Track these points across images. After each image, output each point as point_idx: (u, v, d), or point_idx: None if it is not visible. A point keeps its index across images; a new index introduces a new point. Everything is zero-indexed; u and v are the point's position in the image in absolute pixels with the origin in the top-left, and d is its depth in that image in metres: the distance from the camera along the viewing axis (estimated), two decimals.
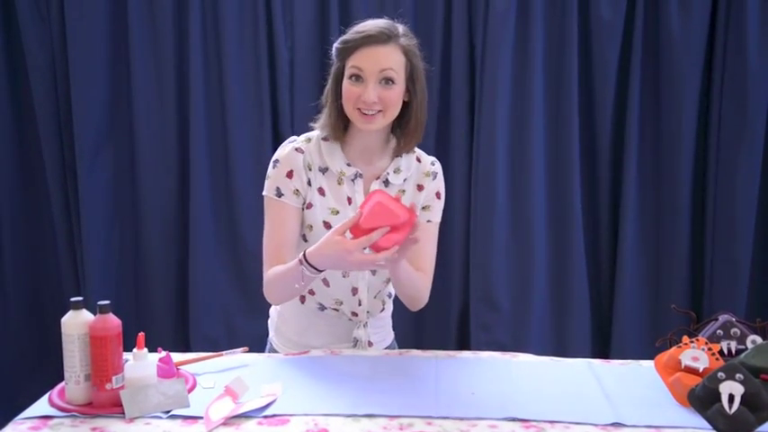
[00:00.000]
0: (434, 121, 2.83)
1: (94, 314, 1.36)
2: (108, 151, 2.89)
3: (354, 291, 1.71)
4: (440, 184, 1.76)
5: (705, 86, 2.78)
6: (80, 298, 1.38)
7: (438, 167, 1.77)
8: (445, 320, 2.91)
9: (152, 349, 1.47)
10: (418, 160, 1.75)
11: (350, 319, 1.74)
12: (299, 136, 1.71)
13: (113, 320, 1.35)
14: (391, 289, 1.81)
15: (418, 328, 2.92)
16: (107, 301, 1.35)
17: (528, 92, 2.76)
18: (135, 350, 1.37)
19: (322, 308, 1.74)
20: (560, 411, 1.35)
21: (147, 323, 2.87)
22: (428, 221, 1.74)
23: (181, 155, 2.88)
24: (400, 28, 1.63)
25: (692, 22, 2.70)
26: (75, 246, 2.92)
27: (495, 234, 2.80)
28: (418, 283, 1.68)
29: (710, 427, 1.24)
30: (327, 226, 1.65)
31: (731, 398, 1.22)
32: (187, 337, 2.90)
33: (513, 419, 1.31)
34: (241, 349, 1.64)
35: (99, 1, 2.78)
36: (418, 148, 1.76)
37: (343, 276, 1.70)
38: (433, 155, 2.82)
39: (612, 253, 2.88)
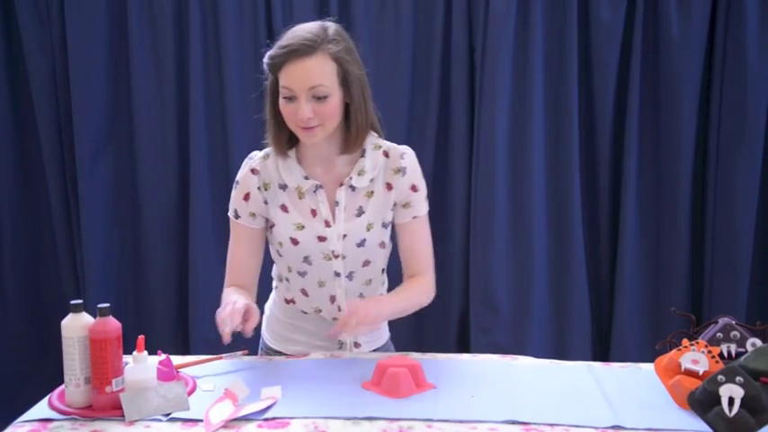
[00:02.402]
0: (434, 121, 2.84)
1: (94, 317, 1.36)
2: (108, 153, 2.89)
3: (332, 299, 1.71)
4: (413, 177, 1.68)
5: (705, 87, 2.78)
6: (80, 301, 1.38)
7: (408, 160, 1.68)
8: (445, 323, 2.91)
9: (152, 352, 1.47)
10: (386, 155, 1.68)
11: (333, 322, 1.74)
12: (261, 150, 1.70)
13: (113, 323, 1.36)
14: (378, 290, 1.80)
15: (418, 331, 2.91)
16: (107, 304, 1.36)
17: (528, 94, 2.76)
18: (135, 353, 1.37)
19: (305, 312, 1.75)
20: (560, 414, 1.35)
21: (147, 326, 2.87)
22: (414, 218, 1.70)
23: (181, 156, 2.88)
24: (330, 30, 1.57)
25: (691, 24, 2.70)
26: (75, 248, 2.92)
27: (495, 234, 2.80)
28: (415, 300, 1.73)
29: (711, 430, 1.24)
30: (294, 242, 1.65)
31: (731, 401, 1.22)
32: (187, 339, 2.90)
33: (513, 422, 1.31)
34: (241, 352, 1.65)
35: (99, 3, 2.78)
36: (388, 140, 1.72)
37: (320, 286, 1.70)
38: (433, 155, 2.85)
39: (612, 255, 2.88)
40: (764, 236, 2.82)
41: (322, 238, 1.65)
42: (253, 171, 1.66)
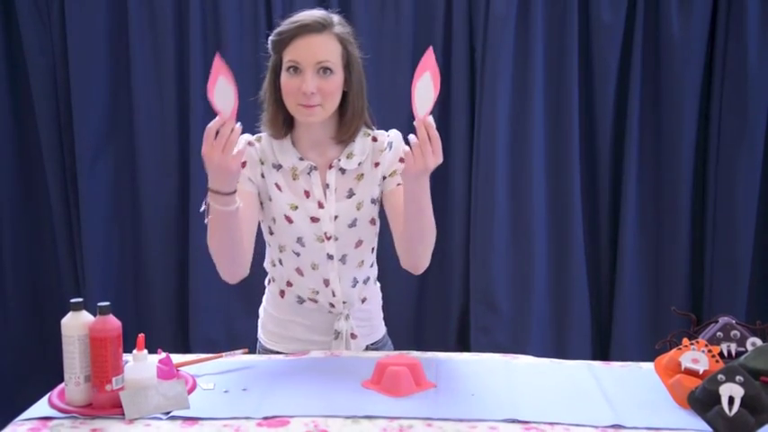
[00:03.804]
0: (435, 122, 2.82)
1: (94, 315, 1.36)
2: (108, 152, 2.89)
3: (326, 282, 1.71)
4: (398, 150, 1.68)
5: (705, 87, 2.78)
6: (80, 299, 1.38)
7: (393, 137, 1.71)
8: (445, 322, 2.91)
9: (152, 350, 1.47)
10: (375, 140, 1.71)
11: (329, 312, 1.75)
12: (252, 135, 1.71)
13: (113, 322, 1.35)
14: (369, 273, 1.78)
15: (418, 330, 2.92)
16: (107, 303, 1.36)
17: (528, 94, 2.76)
18: (135, 351, 1.37)
19: (301, 300, 1.75)
20: (560, 413, 1.34)
21: (147, 324, 2.87)
22: (399, 185, 1.66)
23: (181, 155, 2.88)
24: (335, 17, 1.63)
25: (692, 24, 2.71)
26: (76, 247, 2.92)
27: (495, 234, 2.80)
28: (429, 223, 1.57)
29: (710, 429, 1.24)
30: (288, 220, 1.67)
31: (731, 400, 1.22)
32: (187, 338, 2.90)
33: (513, 421, 1.31)
34: (241, 350, 1.65)
35: (99, 3, 2.78)
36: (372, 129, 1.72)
37: (313, 268, 1.70)
38: None
39: (612, 254, 2.88)
40: (764, 236, 2.82)
41: (315, 219, 1.66)
42: (250, 143, 1.68)
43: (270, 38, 1.62)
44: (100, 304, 1.35)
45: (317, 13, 1.60)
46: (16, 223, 2.96)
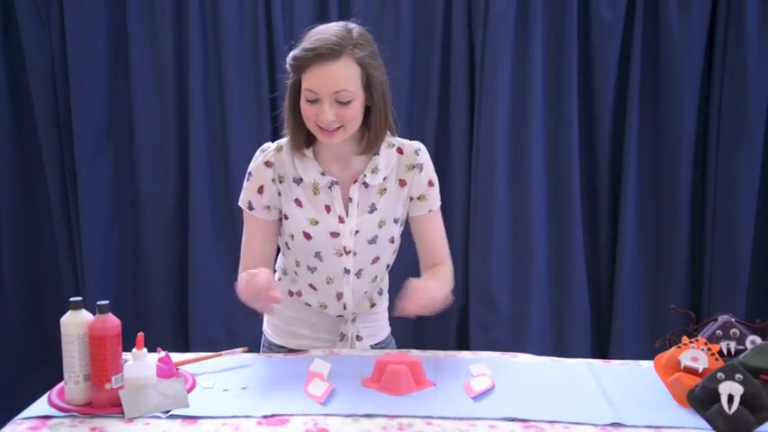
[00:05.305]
0: (434, 120, 2.83)
1: (94, 314, 1.36)
2: (107, 152, 2.89)
3: (339, 296, 1.72)
4: (428, 172, 1.72)
5: (705, 86, 2.78)
6: (79, 298, 1.38)
7: (422, 157, 1.71)
8: (445, 320, 2.91)
9: (151, 349, 1.47)
10: (400, 152, 1.70)
11: (337, 316, 1.76)
12: (273, 142, 1.70)
13: (113, 320, 1.35)
14: (382, 285, 1.82)
15: (418, 328, 2.91)
16: (106, 301, 1.36)
17: (528, 92, 2.76)
18: (134, 350, 1.37)
19: (308, 305, 1.76)
20: (560, 411, 1.35)
21: (147, 323, 2.87)
22: (429, 211, 1.73)
23: (181, 155, 2.88)
24: (354, 32, 1.58)
25: (691, 23, 2.70)
26: (75, 246, 2.92)
27: (495, 234, 2.80)
28: (447, 286, 1.71)
29: (710, 427, 1.24)
30: (307, 237, 1.66)
31: (731, 398, 1.22)
32: (186, 337, 2.90)
33: (513, 419, 1.31)
34: (240, 349, 1.65)
35: (99, 2, 2.78)
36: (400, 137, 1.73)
37: (328, 283, 1.70)
38: (433, 155, 2.84)
39: (612, 253, 2.88)
40: (764, 234, 2.82)
41: (335, 234, 1.66)
42: (267, 164, 1.66)
43: (287, 60, 1.59)
44: (99, 303, 1.35)
45: (332, 36, 1.53)
46: (16, 223, 2.95)
